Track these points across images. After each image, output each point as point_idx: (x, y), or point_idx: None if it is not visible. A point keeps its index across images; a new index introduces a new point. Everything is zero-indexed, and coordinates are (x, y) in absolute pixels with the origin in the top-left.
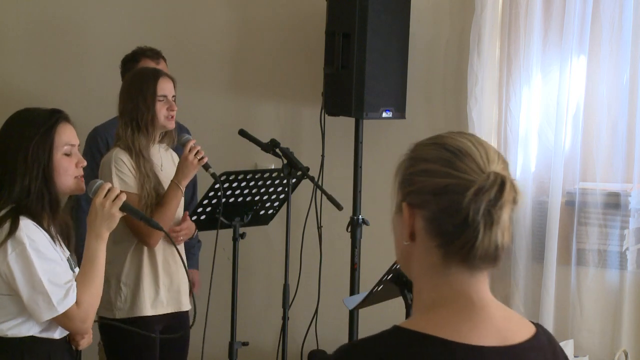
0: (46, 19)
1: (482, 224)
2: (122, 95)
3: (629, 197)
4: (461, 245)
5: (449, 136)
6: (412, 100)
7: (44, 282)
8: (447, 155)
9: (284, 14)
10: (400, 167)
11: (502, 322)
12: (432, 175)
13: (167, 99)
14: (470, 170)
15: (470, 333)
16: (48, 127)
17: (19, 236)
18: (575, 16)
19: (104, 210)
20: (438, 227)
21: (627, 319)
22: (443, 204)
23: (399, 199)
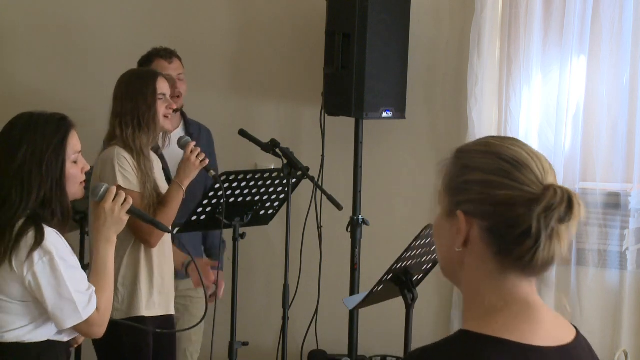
0: (50, 19)
1: (544, 237)
2: (119, 95)
3: (629, 197)
4: (521, 255)
5: (499, 144)
6: (412, 100)
7: (71, 289)
8: (504, 166)
9: (284, 14)
10: (447, 172)
11: (553, 324)
12: (491, 187)
13: (166, 97)
14: (530, 182)
15: (532, 335)
16: (60, 138)
17: (45, 245)
18: (575, 16)
19: (114, 215)
20: (498, 238)
21: (627, 319)
22: (506, 216)
23: (450, 206)
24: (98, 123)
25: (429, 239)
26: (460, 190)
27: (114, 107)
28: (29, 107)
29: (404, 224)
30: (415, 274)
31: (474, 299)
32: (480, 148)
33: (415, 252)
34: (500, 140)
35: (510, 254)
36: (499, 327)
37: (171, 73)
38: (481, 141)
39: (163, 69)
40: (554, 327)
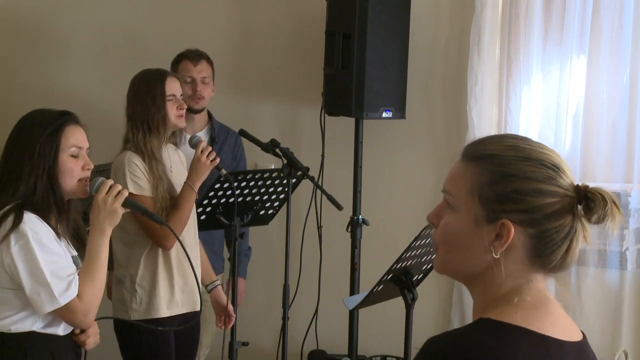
0: (49, 19)
1: (580, 237)
2: (129, 99)
3: (629, 197)
4: (556, 257)
5: (532, 148)
6: (412, 100)
7: (46, 273)
8: (551, 173)
9: (284, 15)
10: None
11: (567, 321)
12: (543, 196)
13: (176, 97)
14: (568, 186)
15: (551, 327)
16: (55, 127)
17: (22, 228)
18: (575, 16)
19: (107, 206)
20: (542, 244)
21: (627, 319)
22: (554, 223)
23: (488, 213)
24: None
25: (429, 239)
26: (508, 200)
27: (127, 109)
28: (27, 108)
29: (404, 224)
30: (415, 274)
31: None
32: (516, 154)
33: (415, 252)
34: (523, 141)
35: (548, 258)
36: (520, 317)
37: (194, 75)
38: (508, 144)
39: (187, 70)
40: (567, 323)
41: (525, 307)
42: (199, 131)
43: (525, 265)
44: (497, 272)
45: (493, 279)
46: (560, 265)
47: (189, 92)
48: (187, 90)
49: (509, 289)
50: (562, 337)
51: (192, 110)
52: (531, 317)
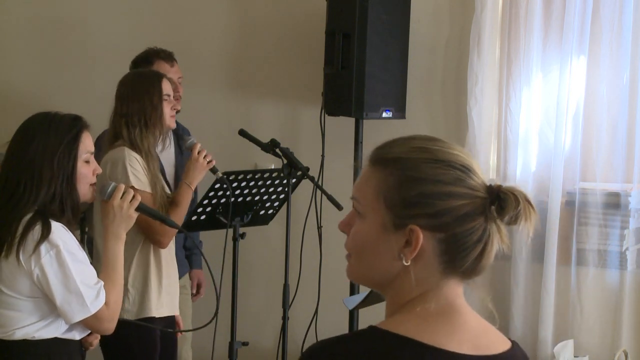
0: (47, 19)
1: (495, 239)
2: (124, 96)
3: (629, 197)
4: (471, 262)
5: (439, 148)
6: (412, 100)
7: (78, 283)
8: (458, 174)
9: (284, 14)
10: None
11: (478, 332)
12: (452, 199)
13: (170, 98)
14: (479, 186)
15: (446, 338)
16: (74, 135)
17: (52, 239)
18: (575, 16)
19: (122, 212)
20: (454, 248)
21: (627, 319)
22: (465, 226)
23: (395, 220)
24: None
25: None
26: (415, 204)
27: (118, 107)
28: (24, 109)
29: None
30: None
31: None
32: (423, 156)
33: None
34: (432, 142)
35: (462, 262)
36: (411, 327)
37: (172, 76)
38: (415, 146)
39: (165, 71)
40: (480, 335)
41: (424, 316)
42: None
43: (436, 270)
44: (406, 279)
45: (402, 285)
46: (473, 270)
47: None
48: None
49: (415, 296)
50: (461, 350)
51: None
52: (424, 328)
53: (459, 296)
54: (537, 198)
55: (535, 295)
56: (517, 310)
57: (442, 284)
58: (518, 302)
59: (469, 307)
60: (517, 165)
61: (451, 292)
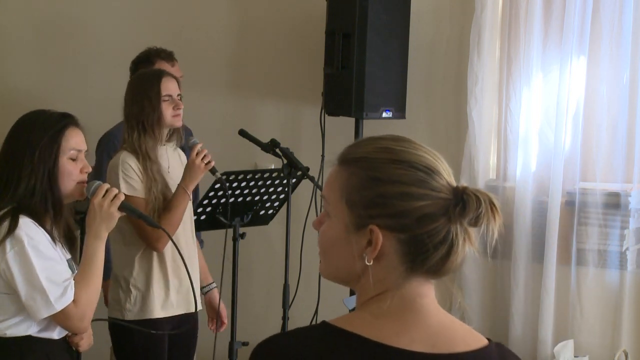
0: (49, 19)
1: (461, 241)
2: (126, 100)
3: (629, 197)
4: (435, 262)
5: (403, 149)
6: (412, 100)
7: (42, 279)
8: (420, 175)
9: (284, 14)
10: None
11: (442, 330)
12: (412, 199)
13: (172, 98)
14: (443, 187)
15: (396, 336)
16: (56, 130)
17: (17, 234)
18: (575, 16)
19: (102, 210)
20: (414, 249)
21: (627, 319)
22: (426, 227)
23: (357, 220)
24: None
25: None
26: (375, 205)
27: (124, 110)
28: (24, 108)
29: None
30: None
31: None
32: (385, 156)
33: None
34: (398, 142)
35: (424, 263)
36: (360, 324)
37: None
38: (379, 146)
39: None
40: (440, 333)
41: (376, 314)
42: None
43: (398, 270)
44: (367, 278)
45: (365, 284)
46: (439, 270)
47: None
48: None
49: (374, 294)
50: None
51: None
52: (373, 325)
53: (421, 296)
54: (537, 198)
55: (535, 295)
56: (517, 310)
57: (403, 283)
58: (518, 302)
59: (434, 307)
60: (517, 165)
61: (411, 292)
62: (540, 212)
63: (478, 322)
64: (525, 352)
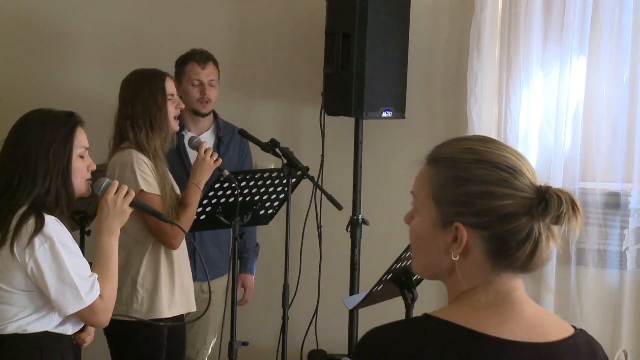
0: (46, 18)
1: (544, 238)
2: (128, 97)
3: (629, 197)
4: (520, 259)
5: (487, 150)
6: (412, 100)
7: (73, 275)
8: (504, 175)
9: (284, 14)
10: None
11: (536, 320)
12: (495, 199)
13: (174, 98)
14: (526, 187)
15: (499, 327)
16: (69, 129)
17: (46, 231)
18: (575, 16)
19: (117, 207)
20: (499, 246)
21: (627, 319)
22: (508, 226)
23: (444, 217)
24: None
25: None
26: (460, 203)
27: (122, 108)
28: (23, 107)
29: (404, 224)
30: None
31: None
32: (470, 156)
33: None
34: (483, 144)
35: (509, 259)
36: (464, 316)
37: (203, 78)
38: (465, 147)
39: (196, 73)
40: (538, 323)
41: (476, 307)
42: (205, 131)
43: (485, 266)
44: (457, 273)
45: (455, 279)
46: (527, 266)
47: (197, 96)
48: (195, 94)
49: (466, 289)
50: (515, 338)
51: (199, 114)
52: (476, 317)
53: (514, 289)
54: None
55: (535, 295)
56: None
57: (492, 279)
58: None
59: (527, 299)
60: None
61: (504, 286)
62: None
63: None
64: None
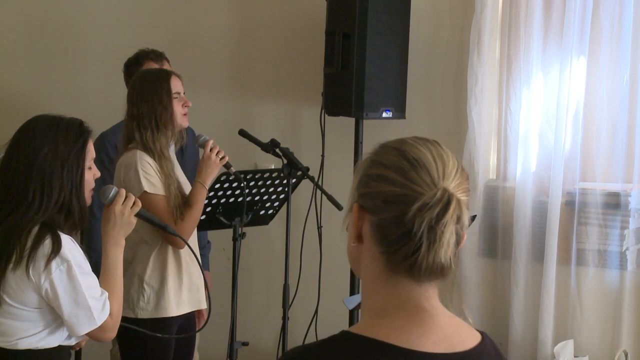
0: (44, 20)
1: (426, 240)
2: (133, 98)
3: (629, 197)
4: (404, 257)
5: (412, 143)
6: (412, 100)
7: (87, 298)
8: (404, 164)
9: (284, 14)
10: (361, 165)
11: (451, 330)
12: (386, 182)
13: (181, 95)
14: (423, 182)
15: (419, 340)
16: (82, 143)
17: (63, 253)
18: (575, 16)
19: (124, 218)
20: (383, 235)
21: (627, 319)
22: (390, 213)
23: (353, 199)
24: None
25: None
26: (362, 184)
27: (129, 109)
28: (22, 110)
29: None
30: None
31: (367, 299)
32: (393, 145)
33: None
34: (419, 140)
35: (395, 254)
36: (384, 331)
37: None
38: (401, 139)
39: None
40: (453, 333)
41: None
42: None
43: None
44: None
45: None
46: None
47: None
48: None
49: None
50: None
51: None
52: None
53: (427, 298)
54: (537, 198)
55: (535, 295)
56: (517, 310)
57: (393, 280)
58: (518, 302)
59: (441, 308)
60: (517, 165)
61: (410, 293)
62: (540, 212)
63: (478, 322)
64: (525, 352)
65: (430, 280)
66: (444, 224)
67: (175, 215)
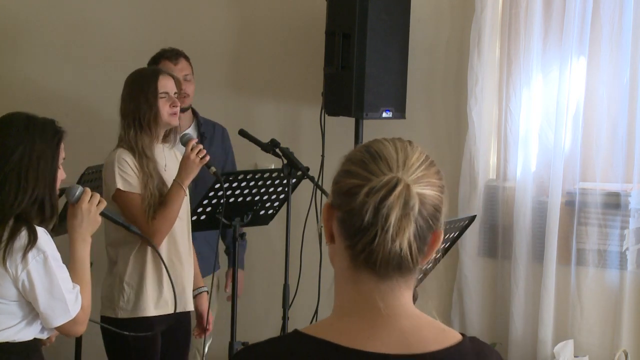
0: (51, 18)
1: (379, 227)
2: (123, 97)
3: (629, 197)
4: (362, 248)
5: (381, 140)
6: (412, 100)
7: (63, 289)
8: (366, 157)
9: (284, 14)
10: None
11: (411, 330)
12: (348, 176)
13: (169, 95)
14: (379, 172)
15: (368, 341)
16: (57, 140)
17: (39, 245)
18: (575, 16)
19: (90, 215)
20: (346, 228)
21: (627, 319)
22: (350, 205)
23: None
24: (96, 124)
25: None
26: (333, 182)
27: (120, 108)
28: (30, 106)
29: None
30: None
31: (335, 297)
32: (366, 143)
33: None
34: (389, 139)
35: (355, 248)
36: (335, 331)
37: (176, 74)
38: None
39: (169, 70)
40: (413, 333)
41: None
42: (186, 128)
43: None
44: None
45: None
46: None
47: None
48: None
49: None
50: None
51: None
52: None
53: (384, 297)
54: (537, 198)
55: (535, 295)
56: (517, 310)
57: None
58: (518, 302)
59: (400, 307)
60: (517, 165)
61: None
62: (540, 212)
63: (478, 322)
64: (525, 352)
65: (391, 276)
66: (387, 206)
67: (148, 214)
